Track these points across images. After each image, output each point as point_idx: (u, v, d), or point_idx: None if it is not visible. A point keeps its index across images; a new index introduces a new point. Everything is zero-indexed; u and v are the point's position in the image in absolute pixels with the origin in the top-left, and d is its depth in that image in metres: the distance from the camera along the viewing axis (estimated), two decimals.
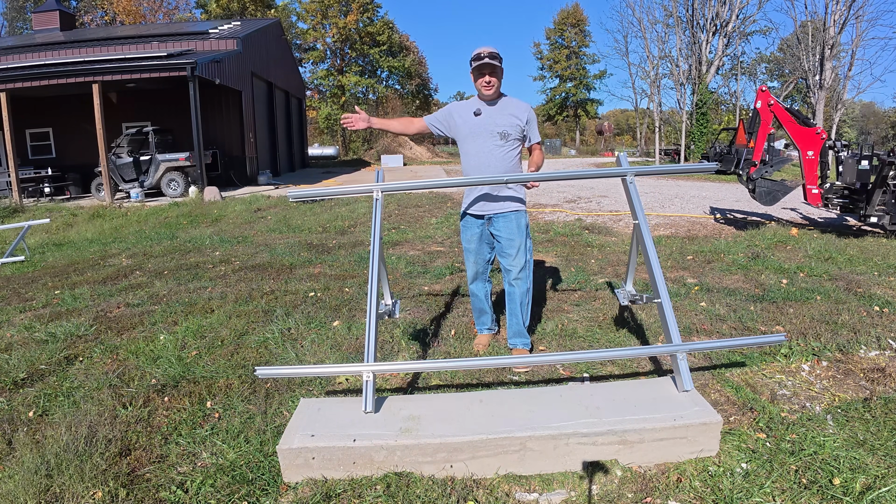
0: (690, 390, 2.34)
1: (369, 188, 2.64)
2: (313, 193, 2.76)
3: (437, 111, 3.22)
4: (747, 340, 2.89)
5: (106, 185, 13.54)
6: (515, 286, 3.08)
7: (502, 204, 3.03)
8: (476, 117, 2.99)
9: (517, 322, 3.12)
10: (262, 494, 2.02)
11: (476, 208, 3.07)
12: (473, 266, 3.19)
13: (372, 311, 2.41)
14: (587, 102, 51.10)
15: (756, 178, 7.75)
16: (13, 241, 7.32)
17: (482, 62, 2.86)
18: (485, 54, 2.87)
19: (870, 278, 4.80)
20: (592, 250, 6.26)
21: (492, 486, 2.04)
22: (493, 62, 2.87)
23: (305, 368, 2.69)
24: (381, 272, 2.64)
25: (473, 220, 3.11)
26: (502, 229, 3.04)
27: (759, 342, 2.90)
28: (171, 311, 4.22)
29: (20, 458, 2.23)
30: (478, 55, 2.89)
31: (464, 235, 3.19)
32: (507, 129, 2.97)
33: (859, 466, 2.06)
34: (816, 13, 25.70)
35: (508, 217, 3.04)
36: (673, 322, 2.47)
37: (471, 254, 3.17)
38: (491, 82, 2.91)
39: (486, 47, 2.91)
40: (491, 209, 3.04)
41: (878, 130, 52.28)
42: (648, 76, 29.71)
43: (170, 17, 40.33)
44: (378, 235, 2.59)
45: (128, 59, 14.05)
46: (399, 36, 44.97)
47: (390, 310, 2.87)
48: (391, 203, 11.01)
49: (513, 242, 3.03)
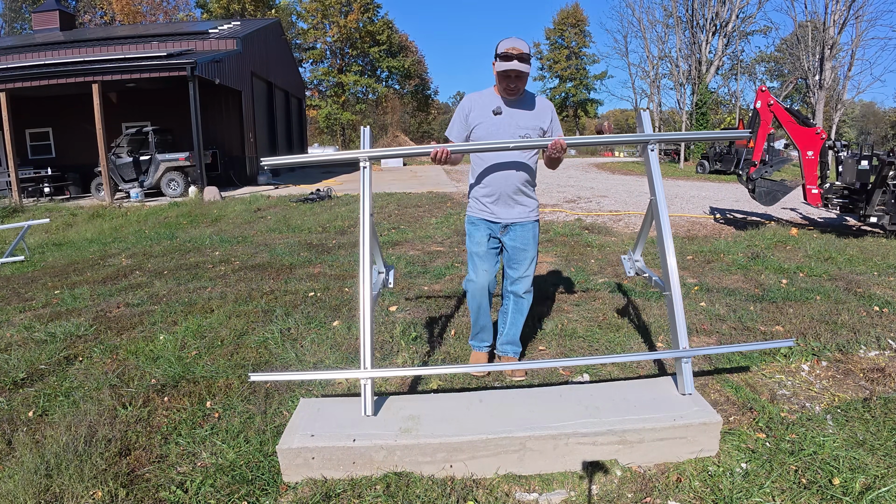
0: (692, 393, 2.33)
1: (355, 155, 2.45)
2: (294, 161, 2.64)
3: (452, 124, 2.79)
4: (755, 346, 2.83)
5: (106, 185, 13.53)
6: (525, 298, 2.89)
7: (521, 210, 2.75)
8: (496, 116, 2.65)
9: (515, 332, 2.96)
10: (261, 494, 2.02)
11: (491, 214, 2.76)
12: (484, 275, 2.81)
13: (367, 315, 2.29)
14: (587, 103, 51.11)
15: (756, 178, 7.76)
16: (13, 241, 7.31)
17: (509, 66, 2.47)
18: (514, 55, 2.47)
19: (869, 278, 4.80)
20: (592, 250, 6.27)
21: (491, 486, 2.04)
22: (523, 68, 2.48)
23: (300, 374, 2.67)
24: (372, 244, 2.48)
25: (485, 223, 2.79)
26: (518, 239, 2.78)
27: (767, 347, 2.83)
28: (171, 310, 4.22)
29: (20, 458, 2.23)
30: (506, 54, 2.48)
31: (472, 238, 2.83)
32: (529, 132, 2.65)
33: (859, 466, 2.06)
34: (816, 13, 25.72)
35: (526, 227, 2.78)
36: (682, 322, 2.38)
37: (480, 259, 2.80)
38: (516, 87, 2.60)
39: (516, 43, 2.49)
40: (509, 216, 2.75)
41: (878, 130, 52.30)
42: (648, 76, 29.75)
43: (169, 16, 40.32)
44: (368, 207, 2.41)
45: (127, 58, 14.04)
46: (399, 36, 44.99)
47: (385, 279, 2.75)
48: (391, 203, 11.00)
49: (527, 253, 2.80)
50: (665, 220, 2.43)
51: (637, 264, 2.88)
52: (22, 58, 15.50)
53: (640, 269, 2.86)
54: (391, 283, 2.87)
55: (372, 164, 2.52)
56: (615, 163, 30.30)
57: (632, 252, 2.94)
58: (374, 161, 2.53)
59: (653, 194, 2.48)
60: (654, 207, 2.48)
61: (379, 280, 2.75)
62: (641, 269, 2.86)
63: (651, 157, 2.46)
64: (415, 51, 48.22)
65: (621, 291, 4.47)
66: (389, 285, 2.86)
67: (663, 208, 2.44)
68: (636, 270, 2.88)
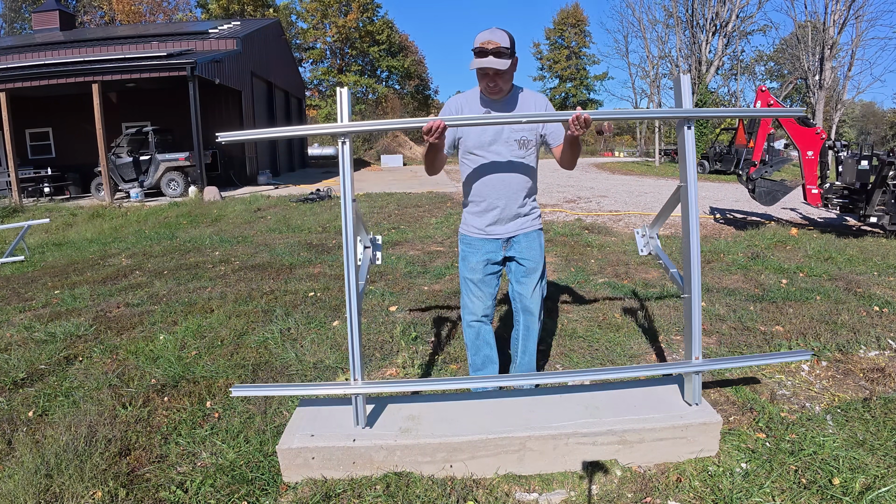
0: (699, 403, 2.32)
1: (332, 130, 1.99)
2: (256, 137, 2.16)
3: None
4: (770, 359, 2.63)
5: (106, 185, 13.53)
6: (539, 315, 2.57)
7: (524, 220, 2.47)
8: None
9: (530, 360, 2.64)
10: (261, 494, 2.02)
11: (491, 232, 2.45)
12: (480, 302, 2.51)
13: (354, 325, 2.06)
14: (587, 103, 51.09)
15: (756, 178, 7.76)
16: (13, 241, 7.31)
17: (483, 63, 2.17)
18: (488, 49, 2.15)
19: (869, 278, 4.80)
20: (592, 250, 6.27)
21: (491, 486, 2.04)
22: (499, 64, 2.16)
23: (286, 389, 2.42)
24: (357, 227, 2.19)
25: (483, 242, 2.46)
26: (525, 251, 2.47)
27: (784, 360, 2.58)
28: (171, 310, 4.22)
29: (20, 458, 2.23)
30: (480, 49, 2.17)
31: (467, 263, 2.50)
32: (526, 134, 2.36)
33: (859, 466, 2.06)
34: (816, 13, 25.73)
35: (531, 236, 2.48)
36: (698, 329, 2.12)
37: (477, 285, 2.49)
38: (496, 86, 2.26)
39: (491, 36, 2.17)
40: (512, 228, 2.45)
41: (877, 130, 52.29)
42: (648, 76, 29.74)
43: (169, 16, 40.33)
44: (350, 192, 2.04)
45: (127, 58, 14.04)
46: (399, 36, 45.00)
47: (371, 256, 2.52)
48: (391, 203, 11.01)
49: (537, 267, 2.49)
50: (694, 211, 2.09)
51: (652, 242, 2.51)
52: (22, 58, 15.49)
53: (656, 250, 2.47)
54: (379, 259, 2.59)
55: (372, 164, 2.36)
56: (615, 163, 30.31)
57: (647, 227, 2.55)
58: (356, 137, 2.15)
59: (683, 180, 2.12)
60: (684, 195, 2.12)
61: (366, 255, 2.50)
62: (657, 250, 2.46)
63: (687, 137, 2.09)
64: (415, 51, 48.23)
65: (621, 291, 4.47)
66: (378, 262, 2.59)
67: (694, 197, 2.09)
68: (651, 250, 2.51)
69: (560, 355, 3.24)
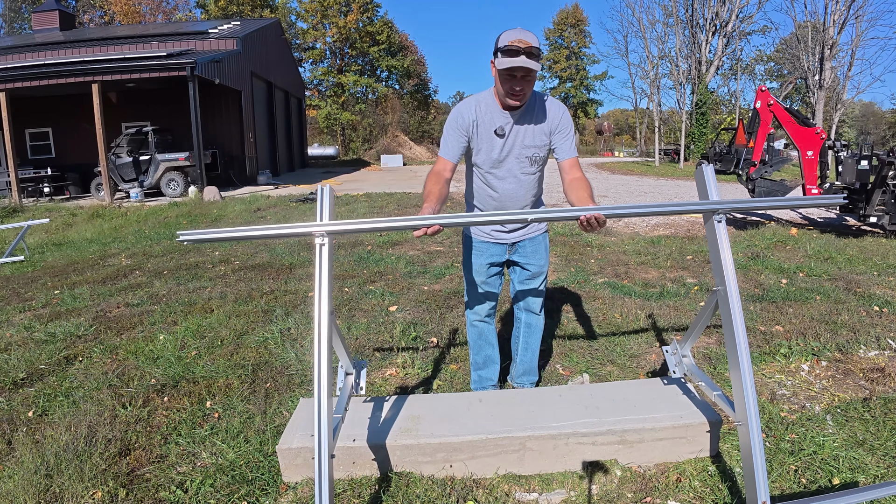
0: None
1: (311, 227, 1.60)
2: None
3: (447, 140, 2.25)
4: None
5: (105, 185, 13.53)
6: (541, 316, 2.63)
7: (530, 226, 2.44)
8: (498, 139, 2.23)
9: (531, 358, 2.69)
10: (261, 494, 2.02)
11: (496, 234, 2.43)
12: (486, 302, 2.53)
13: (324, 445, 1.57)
14: (587, 103, 51.11)
15: (756, 178, 7.76)
16: (13, 241, 7.31)
17: (516, 63, 1.98)
18: (521, 48, 1.97)
19: (869, 278, 4.80)
20: (592, 250, 6.27)
21: (491, 485, 2.04)
22: (532, 65, 1.99)
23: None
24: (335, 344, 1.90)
25: (488, 245, 2.44)
26: (530, 255, 2.48)
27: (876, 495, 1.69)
28: (171, 310, 4.22)
29: (20, 458, 2.23)
30: (512, 48, 1.98)
31: (472, 264, 2.47)
32: (537, 151, 2.27)
33: (859, 466, 2.06)
34: (816, 13, 25.74)
35: (536, 240, 2.48)
36: (762, 469, 1.60)
37: (482, 287, 2.49)
38: (522, 90, 2.09)
39: (523, 35, 2.00)
40: (517, 234, 2.43)
41: (877, 130, 52.31)
42: (648, 76, 29.74)
43: (169, 16, 40.34)
44: (326, 300, 1.63)
45: (127, 58, 14.04)
46: (398, 36, 44.98)
47: (354, 384, 2.18)
48: (391, 203, 11.01)
49: (542, 270, 2.52)
50: (739, 320, 1.71)
51: (686, 361, 2.24)
52: (22, 58, 15.50)
53: (691, 371, 2.20)
54: (362, 386, 2.21)
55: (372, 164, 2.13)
56: (615, 163, 30.32)
57: (678, 344, 2.28)
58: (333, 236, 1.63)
59: (720, 283, 1.76)
60: (723, 303, 1.76)
61: (347, 383, 2.16)
62: (693, 371, 2.19)
63: (718, 230, 1.73)
64: (415, 51, 48.20)
65: (621, 291, 4.47)
66: (361, 391, 2.20)
67: (737, 304, 1.70)
68: (684, 371, 2.24)
69: (560, 355, 3.24)
